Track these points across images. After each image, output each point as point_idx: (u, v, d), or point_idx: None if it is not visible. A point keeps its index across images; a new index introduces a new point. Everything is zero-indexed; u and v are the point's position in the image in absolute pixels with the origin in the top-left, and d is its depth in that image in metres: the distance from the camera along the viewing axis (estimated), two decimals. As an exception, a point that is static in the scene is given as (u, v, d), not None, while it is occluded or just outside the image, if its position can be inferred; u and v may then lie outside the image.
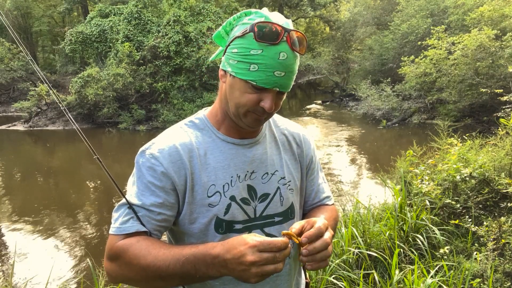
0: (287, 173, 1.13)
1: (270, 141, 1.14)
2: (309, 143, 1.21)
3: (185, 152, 1.03)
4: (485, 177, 3.49)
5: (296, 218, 1.16)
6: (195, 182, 1.02)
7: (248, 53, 0.95)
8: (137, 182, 1.03)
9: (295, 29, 0.97)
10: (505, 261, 2.66)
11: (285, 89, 0.99)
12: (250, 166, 1.08)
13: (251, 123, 1.02)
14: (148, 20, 17.48)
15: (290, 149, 1.17)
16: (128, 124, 15.67)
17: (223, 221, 1.04)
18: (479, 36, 10.91)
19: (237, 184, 1.05)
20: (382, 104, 14.24)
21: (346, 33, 23.07)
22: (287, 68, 0.96)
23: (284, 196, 1.11)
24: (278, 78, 0.96)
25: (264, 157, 1.10)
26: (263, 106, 0.98)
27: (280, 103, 1.03)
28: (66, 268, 5.58)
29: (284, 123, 1.21)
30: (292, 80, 1.00)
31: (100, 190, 9.61)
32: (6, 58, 20.53)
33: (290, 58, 0.96)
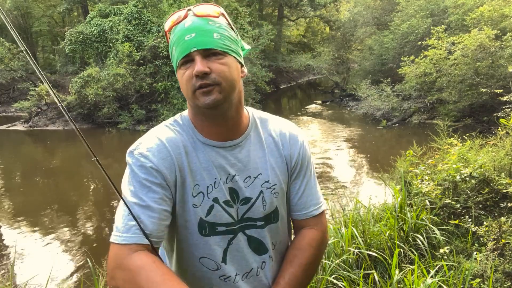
0: (272, 176, 1.10)
1: (254, 142, 1.10)
2: (297, 144, 1.13)
3: (173, 148, 1.02)
4: (485, 177, 3.49)
5: (279, 222, 1.15)
6: (183, 179, 1.03)
7: (170, 45, 1.03)
8: (132, 181, 0.99)
9: (202, 3, 1.02)
10: (505, 261, 2.66)
11: (204, 45, 0.96)
12: (232, 169, 1.06)
13: (203, 101, 0.98)
14: (148, 20, 17.48)
15: (277, 150, 1.12)
16: (128, 124, 15.67)
17: (206, 222, 1.05)
18: (479, 36, 10.91)
19: (221, 187, 1.05)
20: (382, 104, 14.24)
21: (346, 33, 23.06)
22: (196, 30, 0.97)
23: (267, 200, 1.09)
24: (190, 40, 0.96)
25: (247, 160, 1.08)
26: (194, 72, 0.96)
27: (222, 68, 0.97)
28: (66, 268, 5.58)
29: (274, 123, 1.15)
30: (210, 37, 0.97)
31: (100, 190, 9.61)
32: (6, 58, 20.53)
33: (197, 22, 0.98)
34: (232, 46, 1.01)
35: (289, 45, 30.99)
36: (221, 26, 1.00)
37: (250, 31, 19.89)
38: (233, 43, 1.01)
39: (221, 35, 0.98)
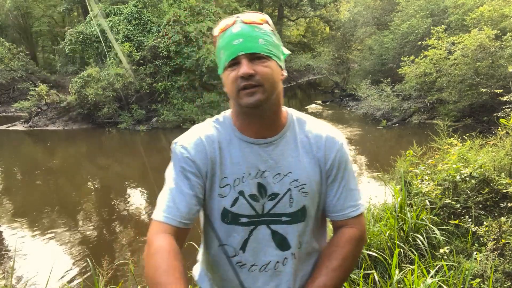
0: (303, 176, 1.14)
1: (289, 142, 1.16)
2: (334, 147, 1.15)
3: (209, 144, 1.14)
4: (485, 177, 3.49)
5: (308, 221, 1.17)
6: (214, 172, 1.13)
7: (218, 49, 1.12)
8: (173, 168, 1.15)
9: (249, 11, 1.13)
10: (505, 261, 2.66)
11: (250, 49, 1.06)
12: (263, 165, 1.13)
13: (246, 100, 1.06)
14: (148, 20, 17.47)
15: (311, 152, 1.16)
16: (128, 124, 15.67)
17: (229, 212, 1.13)
18: (479, 36, 10.91)
19: (248, 181, 1.12)
20: (382, 104, 14.24)
21: (346, 33, 23.07)
22: (243, 35, 1.07)
23: (294, 198, 1.13)
24: (238, 45, 1.06)
25: (279, 158, 1.14)
26: (240, 73, 1.05)
27: (266, 70, 1.06)
28: (66, 268, 5.58)
29: (312, 125, 1.20)
30: (256, 42, 1.07)
31: (100, 190, 9.61)
32: (6, 58, 20.53)
33: (245, 28, 1.08)
34: (274, 50, 1.10)
35: (289, 45, 30.96)
36: (266, 32, 1.10)
37: (250, 31, 19.91)
38: (275, 48, 1.11)
39: (266, 41, 1.08)
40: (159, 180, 5.44)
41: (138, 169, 11.48)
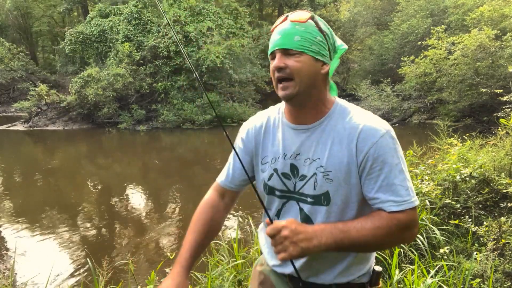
0: (329, 163, 1.18)
1: (326, 131, 1.22)
2: (370, 139, 1.14)
3: (257, 127, 1.36)
4: (485, 177, 3.49)
5: (332, 207, 1.20)
6: (257, 152, 1.35)
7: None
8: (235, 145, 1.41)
9: (299, 10, 1.22)
10: (505, 261, 2.66)
11: (283, 45, 1.17)
12: (298, 149, 1.25)
13: (281, 94, 1.22)
14: (148, 20, 17.48)
15: (344, 142, 1.18)
16: (128, 124, 15.67)
17: (267, 185, 1.32)
18: (479, 36, 10.91)
19: (282, 161, 1.27)
20: (382, 104, 14.24)
21: (346, 33, 23.06)
22: (282, 33, 1.18)
23: (318, 183, 1.20)
24: (277, 41, 1.19)
25: (312, 144, 1.22)
26: (272, 66, 1.20)
27: (296, 64, 1.16)
28: (66, 268, 5.57)
29: (354, 116, 1.21)
30: (291, 39, 1.16)
31: (100, 190, 9.61)
32: (6, 58, 20.53)
33: (287, 26, 1.19)
34: (313, 47, 1.17)
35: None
36: (307, 29, 1.17)
37: (250, 31, 19.89)
38: (315, 44, 1.17)
39: (302, 37, 1.16)
40: (159, 180, 5.54)
41: (138, 169, 11.48)
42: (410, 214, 1.12)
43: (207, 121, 15.43)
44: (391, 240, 1.15)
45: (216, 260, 3.18)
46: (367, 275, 1.29)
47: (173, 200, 8.44)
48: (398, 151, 1.18)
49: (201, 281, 3.10)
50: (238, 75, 16.66)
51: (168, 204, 8.19)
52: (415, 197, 1.15)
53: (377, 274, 1.29)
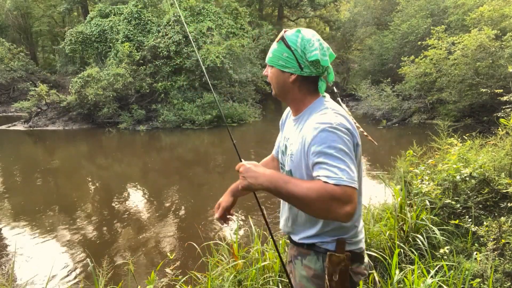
0: (293, 147, 1.54)
1: (300, 123, 1.56)
2: (312, 133, 1.40)
3: (283, 118, 1.78)
4: (485, 177, 3.49)
5: None
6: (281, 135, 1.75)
7: None
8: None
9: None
10: (505, 261, 2.66)
11: (266, 59, 1.59)
12: (288, 134, 1.63)
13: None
14: (148, 20, 17.47)
15: (302, 132, 1.50)
16: (128, 124, 15.67)
17: (279, 162, 1.74)
18: (479, 36, 10.91)
19: (283, 142, 1.68)
20: (382, 104, 14.24)
21: (346, 33, 23.08)
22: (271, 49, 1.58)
23: (288, 162, 1.58)
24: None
25: (295, 132, 1.57)
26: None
27: (270, 75, 1.58)
28: (66, 268, 5.58)
29: (316, 114, 1.49)
30: (269, 56, 1.56)
31: (100, 190, 9.61)
32: (6, 58, 20.53)
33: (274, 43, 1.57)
34: (279, 62, 1.52)
35: (289, 45, 30.92)
36: (278, 47, 1.53)
37: (250, 31, 19.89)
38: (282, 59, 1.52)
39: (273, 55, 1.55)
40: (159, 180, 5.55)
41: (138, 169, 11.48)
42: (342, 189, 1.28)
43: (207, 121, 15.43)
44: (320, 207, 1.30)
45: (216, 260, 3.18)
46: (333, 244, 1.51)
47: (173, 200, 8.44)
48: (335, 141, 1.36)
49: (201, 281, 3.10)
50: (238, 75, 16.65)
51: (168, 204, 8.19)
52: (350, 179, 1.30)
53: (341, 243, 1.50)
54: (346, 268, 1.49)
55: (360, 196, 1.55)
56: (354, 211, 1.30)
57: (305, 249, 1.57)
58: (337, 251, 1.49)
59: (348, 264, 1.49)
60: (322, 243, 1.52)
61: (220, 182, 9.56)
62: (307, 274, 1.56)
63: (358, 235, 1.55)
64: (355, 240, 1.54)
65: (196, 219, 7.12)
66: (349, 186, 1.28)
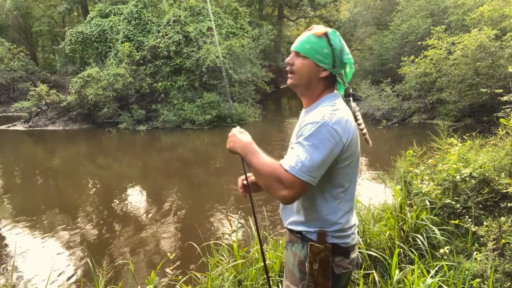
0: (294, 137, 1.62)
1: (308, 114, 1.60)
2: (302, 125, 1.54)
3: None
4: (485, 177, 3.49)
5: None
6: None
7: None
8: None
9: (322, 27, 1.61)
10: (505, 261, 2.66)
11: (296, 48, 1.59)
12: (300, 124, 1.61)
13: (287, 81, 1.67)
14: (148, 20, 17.47)
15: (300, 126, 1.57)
16: (128, 124, 15.66)
17: None
18: (479, 36, 10.91)
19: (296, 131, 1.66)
20: (382, 104, 14.23)
21: (346, 33, 23.02)
22: (300, 39, 1.61)
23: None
24: (294, 43, 1.62)
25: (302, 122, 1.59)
26: (286, 60, 1.64)
27: (300, 65, 1.59)
28: (66, 268, 5.58)
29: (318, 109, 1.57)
30: (304, 46, 1.57)
31: (100, 190, 9.61)
32: (6, 58, 20.52)
33: (305, 35, 1.60)
34: (317, 55, 1.56)
35: (289, 45, 30.95)
36: (318, 42, 1.57)
37: (250, 31, 19.89)
38: (321, 54, 1.56)
39: (311, 47, 1.56)
40: (159, 180, 5.54)
41: (138, 169, 11.48)
42: (289, 176, 1.44)
43: (207, 121, 15.43)
44: (266, 182, 1.49)
45: (216, 260, 3.18)
46: (315, 235, 1.60)
47: (173, 200, 8.44)
48: (313, 135, 1.46)
49: (201, 281, 3.10)
50: (238, 75, 16.65)
51: (168, 204, 8.19)
52: (302, 172, 1.43)
53: (321, 235, 1.59)
54: (327, 259, 1.57)
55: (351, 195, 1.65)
56: (291, 197, 1.46)
57: (295, 237, 1.67)
58: (318, 241, 1.59)
59: (328, 255, 1.57)
60: (307, 232, 1.62)
61: (220, 182, 9.56)
62: (293, 260, 1.67)
63: (344, 231, 1.62)
64: (339, 235, 1.61)
65: (196, 219, 7.12)
66: (296, 177, 1.43)
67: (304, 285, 1.62)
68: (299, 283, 1.64)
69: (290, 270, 1.69)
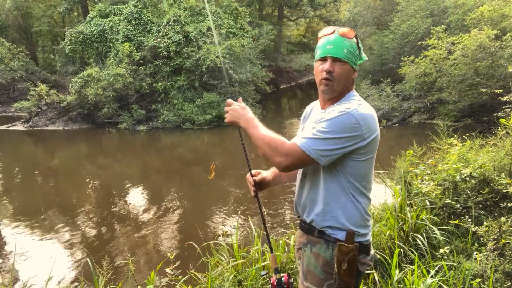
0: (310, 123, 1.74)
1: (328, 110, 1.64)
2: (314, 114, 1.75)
3: (307, 109, 1.88)
4: (485, 177, 3.49)
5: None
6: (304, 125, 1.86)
7: (317, 47, 1.67)
8: None
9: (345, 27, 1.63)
10: (505, 261, 2.66)
11: (335, 54, 1.58)
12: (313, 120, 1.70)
13: (322, 88, 1.63)
14: (148, 20, 17.47)
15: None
16: (128, 124, 15.66)
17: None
18: (479, 36, 10.90)
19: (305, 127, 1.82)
20: (382, 104, 14.23)
21: (346, 33, 22.97)
22: (335, 43, 1.58)
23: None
24: (329, 49, 1.59)
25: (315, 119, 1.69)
26: (323, 69, 1.60)
27: (340, 71, 1.59)
28: (66, 268, 5.58)
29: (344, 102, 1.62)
30: (342, 51, 1.57)
31: (100, 190, 9.61)
32: (6, 58, 20.51)
33: (338, 38, 1.59)
34: (353, 58, 1.60)
35: (289, 45, 31.00)
36: (351, 44, 1.60)
37: (250, 31, 19.89)
38: (354, 56, 1.60)
39: (348, 51, 1.58)
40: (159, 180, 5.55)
41: (138, 169, 11.48)
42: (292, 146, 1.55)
43: (207, 121, 15.42)
44: (265, 151, 1.58)
45: (216, 260, 3.18)
46: (343, 234, 1.59)
47: (173, 200, 8.44)
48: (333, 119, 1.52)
49: (201, 281, 3.10)
50: (238, 75, 16.65)
51: (168, 204, 8.19)
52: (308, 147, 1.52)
53: (350, 234, 1.59)
54: (354, 258, 1.58)
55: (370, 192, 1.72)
56: (286, 164, 1.54)
57: (316, 237, 1.66)
58: (347, 241, 1.58)
59: (356, 254, 1.58)
60: (333, 232, 1.61)
61: (220, 182, 9.56)
62: (316, 261, 1.64)
63: (366, 227, 1.66)
64: (363, 232, 1.63)
65: (196, 219, 7.13)
66: (299, 148, 1.52)
67: (330, 285, 1.62)
68: (323, 284, 1.63)
69: (311, 272, 1.67)
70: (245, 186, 1.97)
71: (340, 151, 1.52)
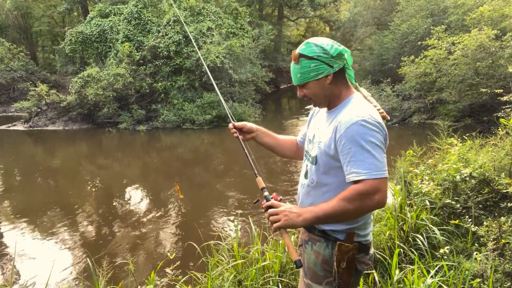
0: (323, 136, 1.67)
1: (331, 117, 1.69)
2: (343, 127, 1.55)
3: (313, 112, 1.91)
4: (485, 177, 3.49)
5: (319, 167, 1.68)
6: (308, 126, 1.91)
7: None
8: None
9: (294, 51, 1.66)
10: (505, 261, 2.66)
11: (295, 82, 1.70)
12: (320, 125, 1.75)
13: (312, 104, 1.78)
14: (148, 20, 17.47)
15: (333, 125, 1.63)
16: (128, 124, 15.66)
17: (304, 150, 1.87)
18: (479, 36, 10.90)
19: (311, 131, 1.82)
20: (382, 104, 14.22)
21: (346, 33, 23.06)
22: (292, 71, 1.70)
23: (314, 147, 1.72)
24: (293, 79, 1.70)
25: (326, 123, 1.70)
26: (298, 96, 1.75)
27: (308, 91, 1.68)
28: (66, 268, 5.58)
29: (347, 109, 1.62)
30: (296, 77, 1.67)
31: (100, 190, 9.61)
32: (6, 58, 20.52)
33: (292, 66, 1.70)
34: (311, 74, 1.62)
35: (289, 45, 31.00)
36: (301, 65, 1.63)
37: (250, 31, 19.89)
38: (312, 71, 1.62)
39: (301, 74, 1.64)
40: (159, 180, 5.55)
41: (138, 169, 11.48)
42: (369, 183, 1.46)
43: (207, 121, 15.43)
44: (355, 208, 1.49)
45: (216, 260, 3.18)
46: (343, 235, 1.63)
47: (173, 200, 8.44)
48: (365, 134, 1.49)
49: (201, 281, 3.10)
50: (238, 75, 16.65)
51: (168, 204, 8.19)
52: (378, 171, 1.47)
53: (351, 235, 1.62)
54: (353, 257, 1.62)
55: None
56: (384, 199, 1.48)
57: (316, 236, 1.70)
58: (347, 241, 1.62)
59: (355, 254, 1.62)
60: (333, 231, 1.65)
61: (220, 182, 9.56)
62: (316, 259, 1.70)
63: (367, 228, 1.69)
64: (363, 233, 1.66)
65: (196, 219, 7.13)
66: (375, 178, 1.46)
67: (328, 282, 1.66)
68: (322, 281, 1.68)
69: (311, 269, 1.72)
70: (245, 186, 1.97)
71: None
